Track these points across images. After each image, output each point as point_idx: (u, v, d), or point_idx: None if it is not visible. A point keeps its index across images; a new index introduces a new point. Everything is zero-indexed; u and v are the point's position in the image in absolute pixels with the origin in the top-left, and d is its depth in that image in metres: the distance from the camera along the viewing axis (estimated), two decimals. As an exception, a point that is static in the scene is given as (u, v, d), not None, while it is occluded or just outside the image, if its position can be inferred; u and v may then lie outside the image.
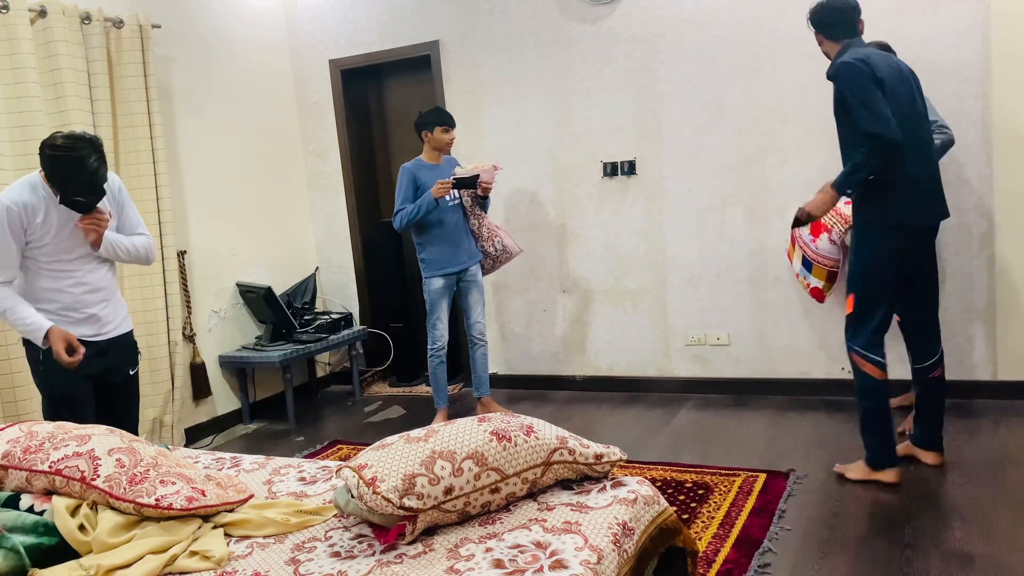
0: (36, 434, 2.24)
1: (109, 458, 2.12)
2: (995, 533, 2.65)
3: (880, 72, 2.87)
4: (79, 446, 2.15)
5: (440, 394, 4.35)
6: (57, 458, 2.11)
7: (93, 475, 2.07)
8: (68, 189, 2.71)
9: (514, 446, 1.95)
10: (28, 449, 2.17)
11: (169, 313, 4.28)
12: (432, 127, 4.19)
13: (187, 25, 4.61)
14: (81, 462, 2.10)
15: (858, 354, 3.06)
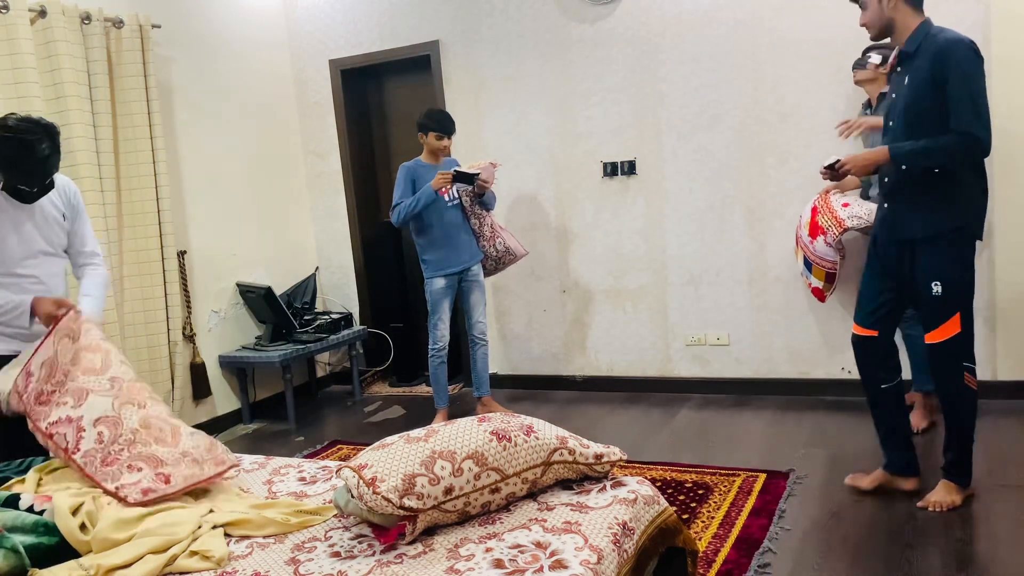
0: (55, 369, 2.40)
1: (93, 430, 2.24)
2: (995, 533, 2.65)
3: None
4: (75, 407, 2.30)
5: (440, 394, 4.35)
6: (53, 420, 2.28)
7: (75, 448, 2.21)
8: (12, 174, 2.56)
9: (514, 446, 1.95)
10: (40, 396, 2.35)
11: (169, 313, 4.28)
12: (427, 131, 4.20)
13: (187, 25, 4.61)
14: (70, 431, 2.24)
15: (969, 371, 2.78)
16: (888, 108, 2.81)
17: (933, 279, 2.73)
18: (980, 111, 2.54)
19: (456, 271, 4.24)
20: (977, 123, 2.54)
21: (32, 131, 2.55)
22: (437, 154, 4.24)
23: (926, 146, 2.59)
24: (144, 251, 4.17)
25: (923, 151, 2.60)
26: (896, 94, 2.74)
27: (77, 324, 2.58)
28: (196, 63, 4.67)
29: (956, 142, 2.55)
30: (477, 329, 4.37)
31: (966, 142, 2.55)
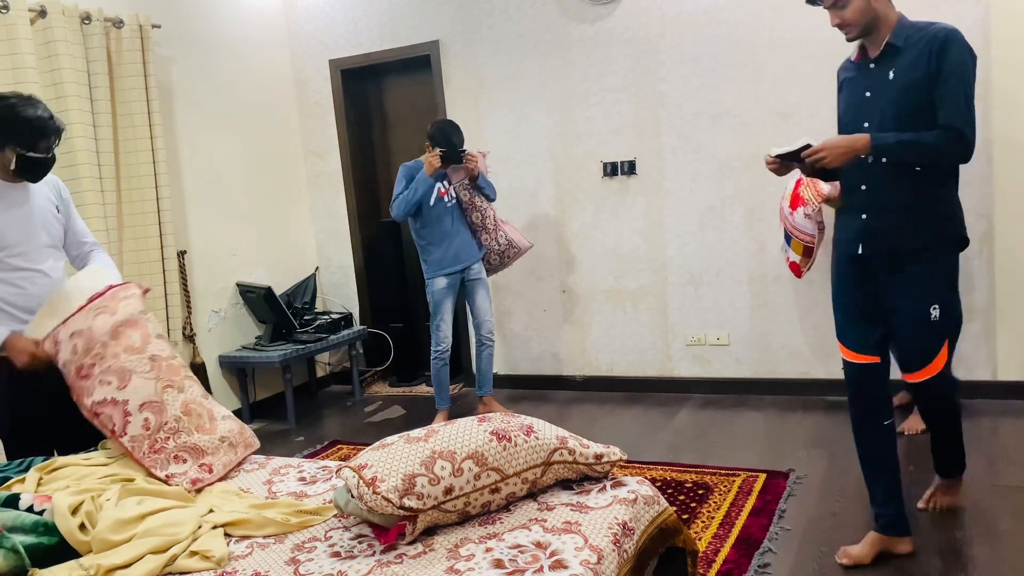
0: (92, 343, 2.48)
1: (139, 415, 2.40)
2: (995, 533, 2.65)
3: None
4: (119, 388, 2.42)
5: (442, 395, 4.36)
6: (99, 399, 2.41)
7: (122, 431, 2.38)
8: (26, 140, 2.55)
9: (514, 446, 1.95)
10: (80, 369, 2.45)
11: (169, 313, 4.28)
12: (434, 147, 4.17)
13: (187, 25, 4.61)
14: (116, 414, 2.40)
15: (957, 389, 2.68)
16: (856, 108, 2.48)
17: (931, 302, 2.38)
18: (969, 107, 2.33)
19: (457, 270, 4.24)
20: (965, 120, 2.32)
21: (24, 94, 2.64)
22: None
23: (914, 139, 2.32)
24: (144, 251, 4.17)
25: (911, 144, 2.33)
26: (872, 92, 2.43)
27: (113, 299, 2.63)
28: (196, 63, 4.67)
29: (946, 139, 2.31)
30: (485, 328, 4.36)
31: (955, 140, 2.32)
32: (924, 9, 3.82)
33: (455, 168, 4.19)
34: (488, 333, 4.37)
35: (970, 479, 3.07)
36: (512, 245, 4.40)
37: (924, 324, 2.38)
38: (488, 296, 4.37)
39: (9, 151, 2.59)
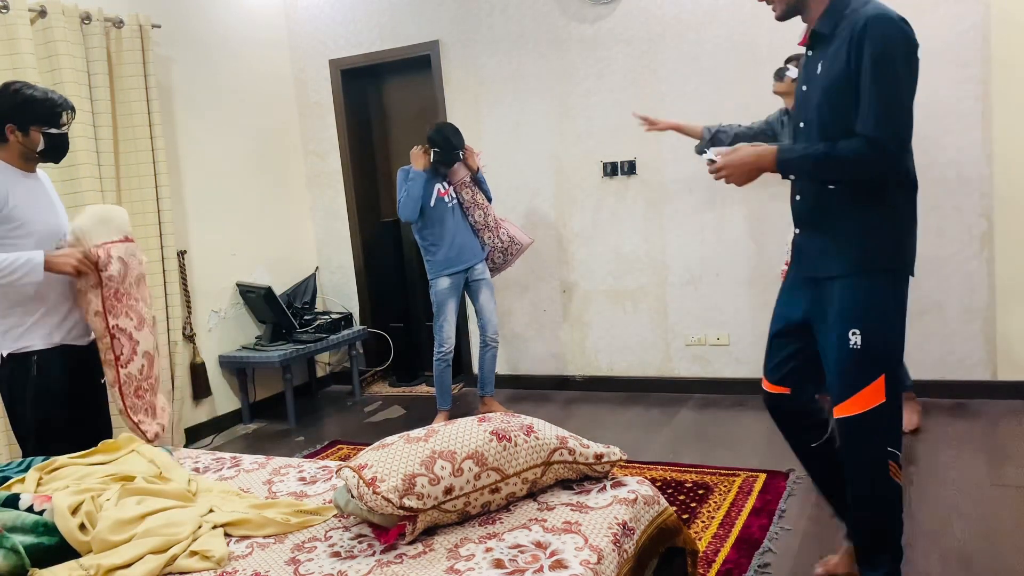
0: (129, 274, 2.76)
1: (140, 359, 2.74)
2: (995, 533, 2.65)
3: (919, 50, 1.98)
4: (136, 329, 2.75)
5: (444, 396, 4.35)
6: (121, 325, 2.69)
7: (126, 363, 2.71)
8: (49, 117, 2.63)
9: (514, 446, 1.95)
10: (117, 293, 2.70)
11: (169, 313, 4.28)
12: (432, 148, 4.20)
13: (187, 25, 4.61)
14: (127, 346, 2.72)
15: (895, 460, 2.10)
16: (797, 106, 2.20)
17: (851, 326, 2.05)
18: (892, 111, 1.92)
19: (460, 269, 4.24)
20: (885, 126, 1.91)
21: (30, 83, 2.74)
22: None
23: (824, 153, 1.99)
24: (144, 251, 4.16)
25: (820, 159, 2.00)
26: (807, 88, 2.12)
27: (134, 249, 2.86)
28: (196, 63, 4.67)
29: (857, 150, 1.95)
30: (490, 330, 4.36)
31: (872, 153, 1.93)
32: (924, 9, 3.84)
33: (454, 169, 4.20)
34: (493, 334, 4.37)
35: (970, 479, 3.07)
36: (515, 242, 4.40)
37: (843, 351, 2.06)
38: (492, 297, 4.38)
39: (35, 132, 2.64)
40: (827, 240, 2.11)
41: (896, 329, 2.09)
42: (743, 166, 2.13)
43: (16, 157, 2.68)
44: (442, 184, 4.23)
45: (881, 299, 2.07)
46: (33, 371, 2.65)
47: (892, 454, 2.09)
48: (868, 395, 2.06)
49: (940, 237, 3.92)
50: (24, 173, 2.71)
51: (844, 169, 2.00)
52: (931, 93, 3.85)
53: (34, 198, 2.70)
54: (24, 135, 2.64)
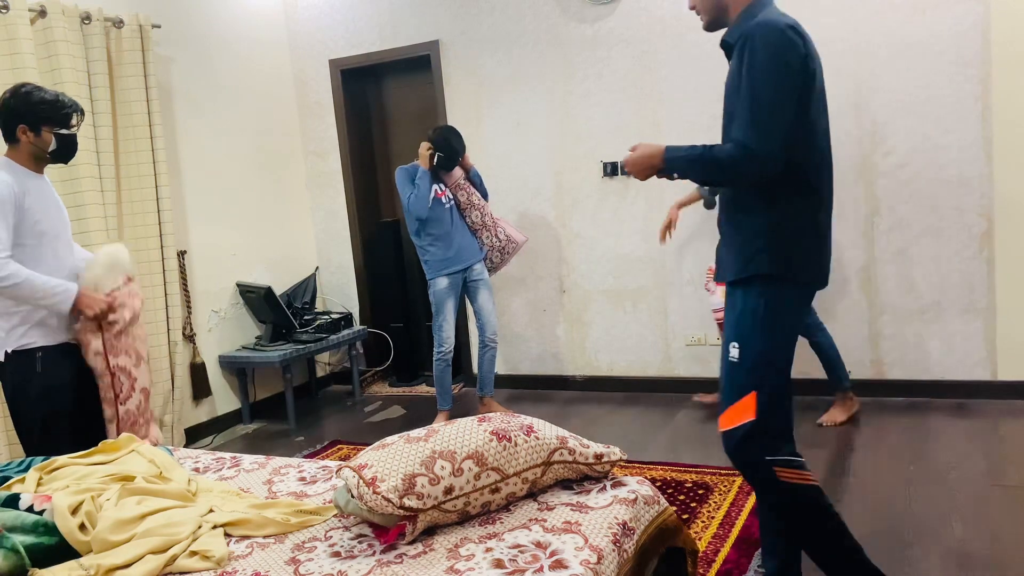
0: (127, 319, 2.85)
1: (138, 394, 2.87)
2: (995, 533, 2.65)
3: (811, 60, 1.98)
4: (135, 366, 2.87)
5: (444, 396, 4.35)
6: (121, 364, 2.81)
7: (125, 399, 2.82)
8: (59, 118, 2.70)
9: (514, 446, 1.95)
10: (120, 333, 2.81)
11: (169, 313, 4.28)
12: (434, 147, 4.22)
13: (187, 25, 4.61)
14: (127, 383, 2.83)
15: (785, 464, 2.05)
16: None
17: (732, 338, 2.06)
18: (760, 116, 1.91)
19: (459, 269, 4.24)
20: (753, 133, 1.91)
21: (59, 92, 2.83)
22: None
23: (700, 154, 2.02)
24: (144, 251, 4.17)
25: (697, 159, 2.03)
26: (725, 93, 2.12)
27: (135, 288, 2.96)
28: (196, 63, 4.67)
29: (729, 154, 1.96)
30: (489, 330, 4.36)
31: (739, 155, 1.94)
32: (924, 9, 3.84)
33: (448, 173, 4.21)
34: (492, 335, 4.37)
35: (970, 479, 3.08)
36: (511, 240, 4.39)
37: (726, 362, 2.07)
38: (491, 297, 4.37)
39: (47, 132, 2.70)
40: (726, 246, 2.15)
41: (774, 342, 2.03)
42: (639, 162, 2.14)
43: (27, 158, 2.74)
44: (439, 185, 4.24)
45: (757, 309, 2.03)
46: (38, 367, 2.71)
47: (773, 461, 2.04)
48: (739, 411, 2.03)
49: (940, 237, 3.93)
50: (33, 174, 2.77)
51: (718, 171, 2.03)
52: (931, 93, 3.87)
53: (44, 198, 2.77)
54: (36, 136, 2.70)
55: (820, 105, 2.04)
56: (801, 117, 1.96)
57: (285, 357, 4.63)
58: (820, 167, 2.05)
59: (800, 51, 1.94)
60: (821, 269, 2.09)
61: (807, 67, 1.95)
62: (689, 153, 2.04)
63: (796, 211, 2.03)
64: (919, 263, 3.96)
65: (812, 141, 2.01)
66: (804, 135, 1.98)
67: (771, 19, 1.97)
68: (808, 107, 1.97)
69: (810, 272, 2.07)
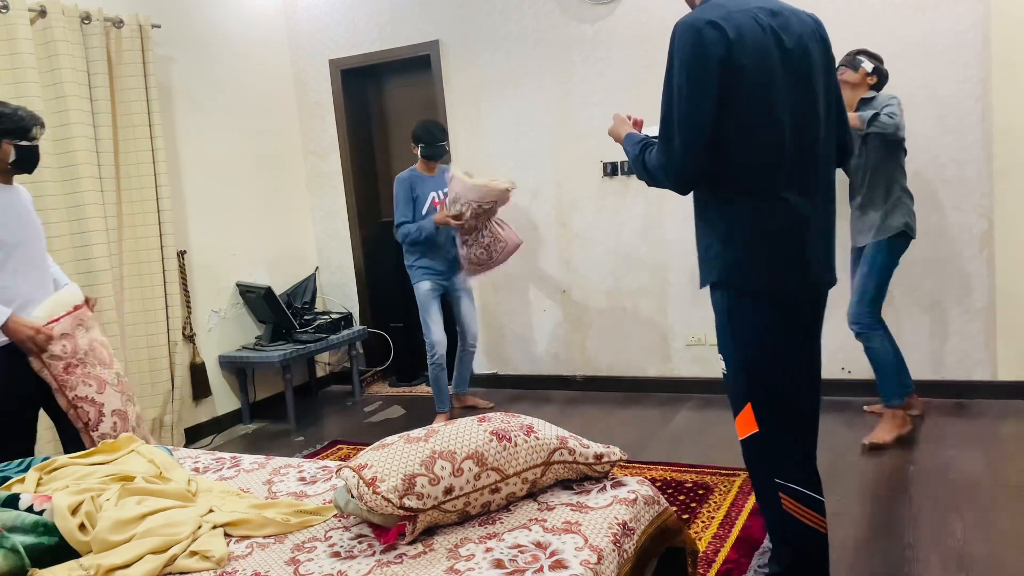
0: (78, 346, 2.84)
1: (111, 418, 2.85)
2: (995, 533, 2.65)
3: (742, 54, 1.80)
4: (98, 392, 2.85)
5: (442, 399, 4.37)
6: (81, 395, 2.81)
7: (95, 426, 2.82)
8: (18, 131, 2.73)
9: (514, 446, 1.95)
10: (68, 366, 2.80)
11: (169, 313, 4.28)
12: (417, 143, 4.27)
13: (187, 25, 4.61)
14: (93, 411, 2.82)
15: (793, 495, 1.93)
16: None
17: (719, 351, 2.02)
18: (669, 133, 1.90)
19: (441, 271, 4.29)
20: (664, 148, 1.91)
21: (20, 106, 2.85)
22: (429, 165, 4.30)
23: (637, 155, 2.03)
24: (144, 251, 4.17)
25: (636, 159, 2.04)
26: None
27: (85, 315, 2.95)
28: (196, 63, 4.67)
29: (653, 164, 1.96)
30: (470, 337, 4.46)
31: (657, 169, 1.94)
32: (924, 9, 3.84)
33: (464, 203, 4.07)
34: (473, 340, 4.48)
35: (970, 479, 3.08)
36: (497, 239, 4.19)
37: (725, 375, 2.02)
38: (473, 305, 4.46)
39: (6, 144, 2.74)
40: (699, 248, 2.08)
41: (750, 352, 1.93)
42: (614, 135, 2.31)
43: None
44: (437, 193, 4.24)
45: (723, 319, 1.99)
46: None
47: (781, 486, 1.94)
48: (743, 423, 1.99)
49: (940, 237, 3.92)
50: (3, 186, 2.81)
51: (649, 178, 2.00)
52: (931, 93, 3.86)
53: (8, 211, 2.79)
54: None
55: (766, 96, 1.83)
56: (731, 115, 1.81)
57: (285, 357, 4.63)
58: (768, 164, 1.87)
59: (716, 50, 1.78)
60: (782, 277, 1.92)
61: (731, 64, 1.78)
62: (632, 150, 2.07)
63: (748, 216, 1.90)
64: (919, 263, 3.96)
65: (750, 137, 1.85)
66: (738, 131, 1.83)
67: (689, 17, 1.85)
68: (738, 104, 1.81)
69: (762, 280, 1.91)
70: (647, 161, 1.97)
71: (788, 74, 1.87)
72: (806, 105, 1.92)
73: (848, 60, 3.53)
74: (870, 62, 3.50)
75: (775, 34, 1.86)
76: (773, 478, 1.96)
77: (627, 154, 2.12)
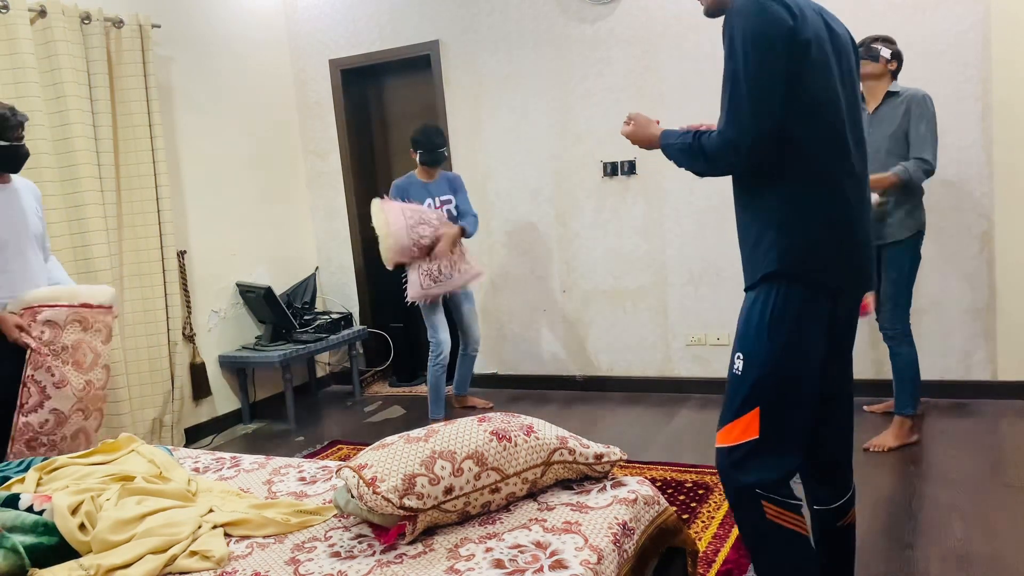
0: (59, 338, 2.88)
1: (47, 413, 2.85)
2: (995, 533, 2.65)
3: (806, 28, 1.75)
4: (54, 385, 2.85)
5: (438, 404, 4.34)
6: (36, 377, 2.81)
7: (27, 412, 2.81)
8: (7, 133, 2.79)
9: (514, 446, 1.95)
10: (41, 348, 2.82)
11: (169, 313, 4.28)
12: (416, 149, 4.24)
13: (187, 25, 4.61)
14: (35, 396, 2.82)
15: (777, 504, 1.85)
16: None
17: (736, 348, 1.90)
18: (740, 103, 1.76)
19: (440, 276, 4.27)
20: (733, 121, 1.79)
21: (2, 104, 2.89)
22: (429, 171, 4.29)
23: (689, 144, 1.94)
24: (144, 251, 4.17)
25: (685, 149, 1.96)
26: None
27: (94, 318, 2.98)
28: (196, 63, 4.67)
29: (714, 145, 1.85)
30: (472, 341, 4.44)
31: (722, 147, 1.83)
32: (924, 9, 3.84)
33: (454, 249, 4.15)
34: (475, 345, 4.46)
35: (970, 479, 3.08)
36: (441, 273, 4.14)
37: (730, 374, 1.92)
38: (474, 308, 4.43)
39: None
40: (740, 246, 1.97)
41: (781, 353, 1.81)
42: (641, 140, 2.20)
43: None
44: (434, 200, 4.24)
45: (763, 314, 1.84)
46: None
47: (763, 495, 1.83)
48: (740, 428, 1.85)
49: (940, 237, 3.92)
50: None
51: (705, 162, 1.90)
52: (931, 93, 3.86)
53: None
54: None
55: (826, 75, 1.80)
56: (797, 93, 1.75)
57: (285, 357, 4.63)
58: (829, 146, 1.82)
59: (784, 23, 1.72)
60: (839, 267, 1.84)
61: (796, 39, 1.73)
62: (680, 141, 1.97)
63: (810, 201, 1.81)
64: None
65: (814, 117, 1.79)
66: (802, 111, 1.77)
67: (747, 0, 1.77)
68: (804, 81, 1.76)
69: (822, 269, 1.82)
70: (707, 146, 1.86)
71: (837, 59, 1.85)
72: (851, 95, 1.89)
73: (866, 51, 3.35)
74: (887, 48, 3.36)
75: (823, 18, 1.85)
76: (755, 488, 1.84)
77: (669, 149, 2.03)
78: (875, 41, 3.41)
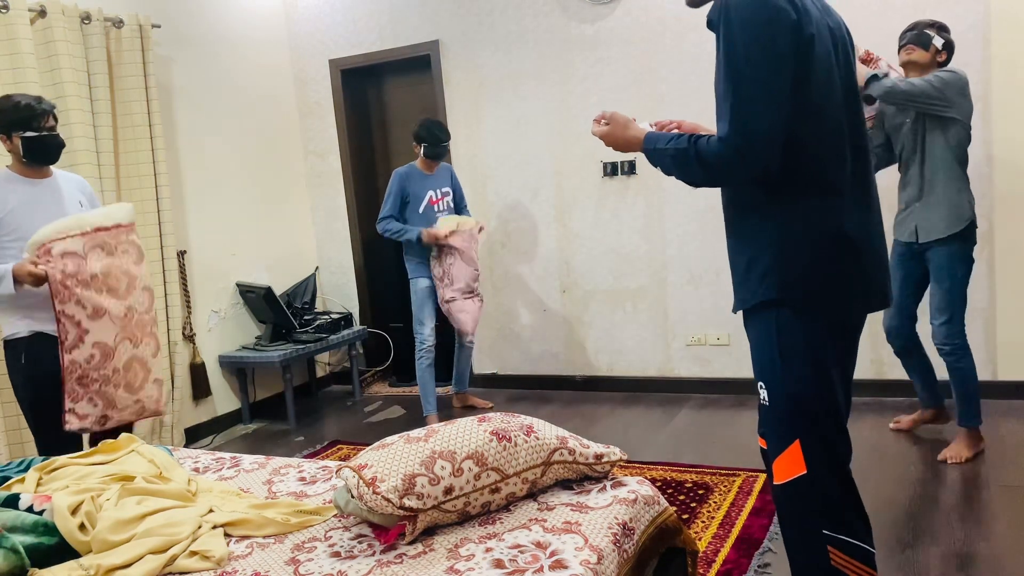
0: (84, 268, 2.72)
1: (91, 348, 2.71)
2: (995, 533, 2.65)
3: (810, 23, 1.61)
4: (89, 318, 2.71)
5: (428, 399, 4.35)
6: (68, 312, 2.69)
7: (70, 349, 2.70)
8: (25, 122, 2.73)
9: (514, 446, 1.95)
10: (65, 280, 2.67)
11: (169, 313, 4.28)
12: (419, 143, 4.27)
13: (187, 25, 4.61)
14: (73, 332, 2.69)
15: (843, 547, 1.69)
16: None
17: (757, 377, 1.79)
18: (744, 105, 1.60)
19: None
20: (738, 126, 1.61)
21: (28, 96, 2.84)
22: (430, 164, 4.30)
23: (684, 150, 1.72)
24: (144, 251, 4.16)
25: (678, 156, 1.74)
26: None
27: (115, 239, 2.83)
28: (196, 63, 4.67)
29: (716, 153, 1.66)
30: (467, 335, 4.44)
31: (727, 154, 1.64)
32: (924, 9, 3.84)
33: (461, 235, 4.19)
34: (471, 338, 4.47)
35: (970, 479, 3.08)
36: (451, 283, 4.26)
37: (761, 406, 1.80)
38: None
39: (16, 137, 2.75)
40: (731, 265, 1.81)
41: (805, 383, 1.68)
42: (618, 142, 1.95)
43: (17, 164, 2.83)
44: (435, 191, 4.24)
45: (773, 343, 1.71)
46: (22, 357, 2.81)
47: (830, 538, 1.68)
48: (786, 463, 1.72)
49: (940, 237, 3.92)
50: (28, 180, 2.83)
51: (704, 172, 1.71)
52: (931, 93, 3.86)
53: (34, 205, 2.79)
54: (9, 142, 2.78)
55: (828, 74, 1.65)
56: (801, 94, 1.60)
57: (285, 357, 4.63)
58: (831, 153, 1.66)
59: (788, 17, 1.57)
60: (844, 293, 1.69)
61: (800, 35, 1.58)
62: (673, 147, 1.74)
63: (812, 217, 1.66)
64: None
65: (817, 120, 1.64)
66: (805, 114, 1.62)
67: None
68: (809, 82, 1.61)
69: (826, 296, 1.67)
70: (703, 151, 1.67)
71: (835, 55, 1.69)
72: (852, 96, 1.73)
73: (915, 36, 3.09)
74: (940, 36, 3.08)
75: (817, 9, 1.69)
76: (822, 529, 1.68)
77: (656, 155, 1.80)
78: (929, 27, 3.11)
